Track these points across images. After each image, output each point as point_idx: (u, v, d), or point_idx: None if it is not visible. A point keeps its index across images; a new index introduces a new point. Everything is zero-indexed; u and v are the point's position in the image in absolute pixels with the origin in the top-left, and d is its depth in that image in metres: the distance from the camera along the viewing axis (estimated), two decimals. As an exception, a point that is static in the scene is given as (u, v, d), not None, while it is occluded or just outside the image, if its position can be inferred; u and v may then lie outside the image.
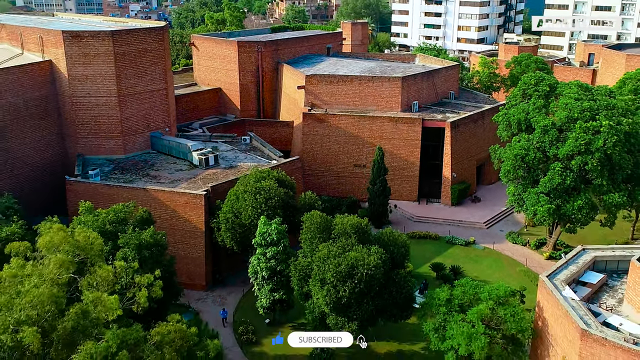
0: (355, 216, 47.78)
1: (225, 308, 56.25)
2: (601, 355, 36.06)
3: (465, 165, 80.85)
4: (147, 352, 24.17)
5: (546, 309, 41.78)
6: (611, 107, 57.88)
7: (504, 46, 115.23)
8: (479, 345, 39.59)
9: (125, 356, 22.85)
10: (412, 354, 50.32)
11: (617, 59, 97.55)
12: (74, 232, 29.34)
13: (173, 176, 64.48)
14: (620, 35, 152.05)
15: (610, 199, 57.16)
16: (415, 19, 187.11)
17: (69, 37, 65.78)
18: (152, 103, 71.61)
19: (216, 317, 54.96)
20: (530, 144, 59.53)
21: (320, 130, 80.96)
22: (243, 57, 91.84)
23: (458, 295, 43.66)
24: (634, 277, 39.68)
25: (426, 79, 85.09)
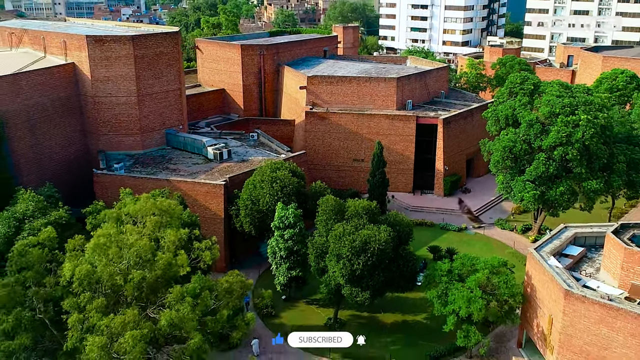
0: (364, 200, 53.85)
1: (248, 293, 61.72)
2: (581, 311, 42.44)
3: (456, 159, 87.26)
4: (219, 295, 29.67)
5: (534, 276, 48.18)
6: (589, 103, 64.52)
7: (489, 49, 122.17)
8: (477, 307, 45.80)
9: (207, 295, 28.39)
10: (415, 323, 56.39)
11: (594, 60, 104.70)
12: (156, 201, 34.85)
13: (191, 169, 70.01)
14: (597, 37, 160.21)
15: (589, 186, 63.73)
16: (402, 23, 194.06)
17: (93, 41, 71.09)
18: (167, 102, 77.06)
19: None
20: (517, 136, 65.97)
21: (321, 127, 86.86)
22: (246, 59, 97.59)
23: (457, 266, 49.91)
24: (609, 247, 46.16)
25: (419, 80, 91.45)
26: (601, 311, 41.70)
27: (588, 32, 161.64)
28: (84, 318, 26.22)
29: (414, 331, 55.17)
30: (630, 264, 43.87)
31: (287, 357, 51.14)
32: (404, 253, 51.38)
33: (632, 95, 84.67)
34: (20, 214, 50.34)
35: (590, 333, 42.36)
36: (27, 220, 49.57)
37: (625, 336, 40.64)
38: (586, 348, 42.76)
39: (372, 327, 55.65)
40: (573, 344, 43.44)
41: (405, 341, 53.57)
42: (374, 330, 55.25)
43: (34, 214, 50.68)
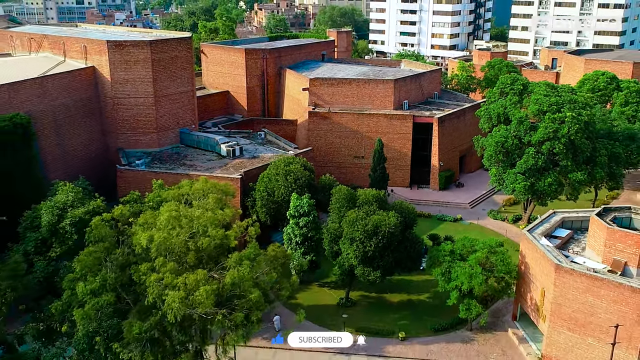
0: (373, 189, 59.40)
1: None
2: (570, 282, 48.26)
3: (449, 155, 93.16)
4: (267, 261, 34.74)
5: (527, 254, 53.99)
6: (573, 101, 70.66)
7: (477, 52, 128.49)
8: (478, 281, 51.46)
9: (261, 259, 33.49)
10: (419, 302, 61.94)
11: (576, 63, 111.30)
12: (212, 182, 39.81)
13: (206, 165, 75.09)
14: (579, 41, 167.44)
15: (574, 177, 69.80)
16: (392, 27, 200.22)
17: (113, 46, 75.99)
18: (181, 103, 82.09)
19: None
20: (508, 133, 71.91)
21: (323, 126, 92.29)
22: (250, 63, 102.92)
23: (459, 247, 55.60)
24: (593, 227, 52.08)
25: (414, 81, 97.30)
26: (587, 282, 47.54)
27: (570, 37, 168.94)
28: (160, 278, 31.24)
29: (419, 308, 60.71)
30: (612, 242, 49.75)
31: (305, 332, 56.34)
32: (410, 236, 57.00)
33: (612, 95, 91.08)
34: (62, 203, 55.14)
35: (578, 301, 48.15)
36: (70, 209, 54.43)
37: (608, 303, 46.48)
38: (574, 315, 48.56)
39: (380, 306, 61.12)
40: (563, 312, 49.21)
41: (411, 317, 59.04)
42: (382, 308, 60.73)
43: (74, 203, 55.53)
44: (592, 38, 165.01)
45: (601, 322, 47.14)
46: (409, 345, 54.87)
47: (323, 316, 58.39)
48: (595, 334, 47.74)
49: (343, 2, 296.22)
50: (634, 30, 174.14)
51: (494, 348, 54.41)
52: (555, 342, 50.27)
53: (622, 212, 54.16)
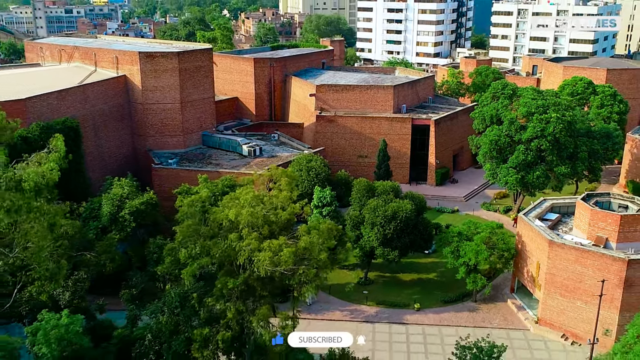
0: (389, 181, 68.16)
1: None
2: (562, 255, 57.44)
3: (444, 154, 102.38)
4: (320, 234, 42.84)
5: (524, 234, 63.14)
6: (557, 104, 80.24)
7: (464, 60, 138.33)
8: (483, 257, 60.44)
9: (315, 232, 41.57)
10: (428, 280, 70.75)
11: (555, 69, 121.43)
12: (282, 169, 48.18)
13: (231, 163, 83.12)
14: (555, 49, 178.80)
15: (559, 170, 79.23)
16: (378, 36, 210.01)
17: (144, 56, 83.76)
18: (203, 108, 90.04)
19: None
20: (501, 132, 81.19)
21: (330, 128, 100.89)
22: (258, 71, 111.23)
23: (464, 229, 64.54)
24: (579, 210, 61.46)
25: (411, 87, 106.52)
26: (576, 254, 56.79)
27: (547, 44, 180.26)
28: (248, 244, 39.20)
29: (429, 285, 69.52)
30: (595, 221, 59.12)
31: (332, 306, 64.83)
32: (422, 220, 65.88)
33: (589, 98, 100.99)
34: (119, 196, 62.88)
35: (568, 271, 57.33)
36: (127, 201, 62.21)
37: (593, 270, 55.71)
38: (565, 282, 57.72)
39: (394, 284, 69.80)
40: (555, 281, 58.36)
41: (423, 292, 67.79)
42: (397, 285, 69.43)
43: (129, 195, 63.33)
44: (568, 46, 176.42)
45: (588, 288, 56.35)
46: (424, 314, 63.62)
47: (346, 292, 66.78)
48: (583, 298, 56.96)
49: (327, 11, 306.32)
50: (606, 39, 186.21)
51: (496, 315, 63.39)
52: (550, 307, 59.42)
53: (602, 197, 63.80)
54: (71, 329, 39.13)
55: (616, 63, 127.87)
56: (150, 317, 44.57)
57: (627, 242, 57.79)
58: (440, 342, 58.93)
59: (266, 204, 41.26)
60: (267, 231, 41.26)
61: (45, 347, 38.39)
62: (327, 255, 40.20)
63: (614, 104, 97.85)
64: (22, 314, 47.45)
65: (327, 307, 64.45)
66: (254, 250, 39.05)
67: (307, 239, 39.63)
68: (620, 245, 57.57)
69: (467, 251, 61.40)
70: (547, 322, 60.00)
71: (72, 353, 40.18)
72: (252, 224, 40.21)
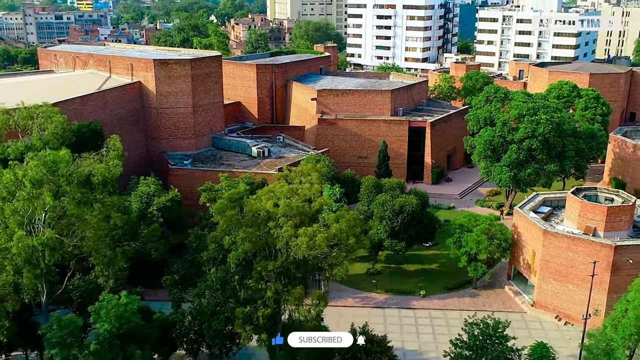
0: (394, 179, 73.68)
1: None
2: (555, 243, 63.30)
3: (439, 154, 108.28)
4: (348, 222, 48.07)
5: (519, 225, 68.98)
6: (546, 106, 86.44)
7: (454, 65, 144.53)
8: (483, 246, 66.10)
9: (344, 220, 46.67)
10: (431, 270, 76.32)
11: (541, 74, 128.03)
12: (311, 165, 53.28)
13: (242, 164, 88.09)
14: (539, 54, 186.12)
15: (548, 168, 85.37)
16: (368, 41, 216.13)
17: (159, 63, 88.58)
18: (213, 112, 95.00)
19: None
20: (494, 133, 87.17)
21: (331, 131, 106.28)
22: (260, 76, 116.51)
23: (465, 222, 70.22)
24: (569, 202, 67.46)
25: (406, 91, 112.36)
26: (568, 242, 62.69)
27: (531, 50, 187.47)
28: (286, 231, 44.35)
29: (432, 274, 75.10)
30: (584, 212, 65.12)
31: (344, 294, 70.11)
32: (426, 214, 71.45)
33: (574, 101, 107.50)
34: (146, 193, 67.65)
35: (560, 257, 63.19)
36: (154, 198, 67.02)
37: (583, 256, 61.61)
38: (558, 268, 63.59)
39: (400, 274, 75.29)
40: (550, 267, 64.20)
41: (427, 280, 73.33)
42: (402, 275, 74.92)
43: (155, 193, 68.16)
44: (551, 51, 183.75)
45: (579, 272, 62.25)
46: (429, 300, 69.18)
47: (356, 281, 72.14)
48: (574, 282, 62.88)
49: (314, 17, 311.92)
50: (587, 44, 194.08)
51: (495, 300, 69.13)
52: (544, 291, 65.28)
53: (589, 191, 69.89)
54: (129, 308, 43.99)
55: (598, 68, 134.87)
56: (193, 299, 49.49)
57: (613, 230, 63.87)
58: (445, 324, 64.49)
59: (300, 196, 46.42)
60: (299, 220, 46.49)
61: (107, 323, 43.19)
62: (354, 240, 45.50)
63: (597, 106, 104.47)
64: (72, 300, 51.98)
65: (339, 295, 69.64)
66: (291, 236, 44.21)
67: (337, 226, 44.92)
68: (607, 234, 63.57)
69: (469, 241, 67.05)
70: (542, 304, 65.85)
71: (127, 330, 45.04)
72: (288, 213, 45.37)
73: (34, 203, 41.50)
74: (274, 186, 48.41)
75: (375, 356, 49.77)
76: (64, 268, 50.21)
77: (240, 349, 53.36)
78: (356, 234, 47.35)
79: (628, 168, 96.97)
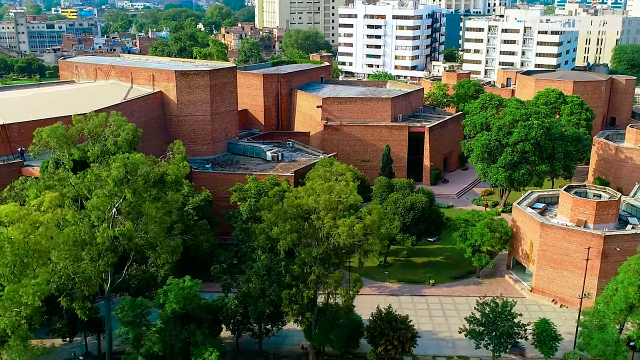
0: (404, 179, 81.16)
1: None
2: (551, 234, 71.08)
3: (437, 157, 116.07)
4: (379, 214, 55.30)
5: (518, 219, 76.74)
6: (537, 112, 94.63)
7: (446, 73, 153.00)
8: (487, 238, 73.69)
9: (376, 212, 53.83)
10: (437, 262, 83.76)
11: (528, 82, 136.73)
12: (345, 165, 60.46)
13: (258, 167, 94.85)
14: (523, 62, 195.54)
15: (540, 169, 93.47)
16: (359, 50, 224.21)
17: (180, 74, 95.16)
18: (228, 119, 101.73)
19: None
20: (490, 137, 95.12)
21: (336, 136, 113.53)
22: (267, 85, 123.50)
23: (469, 217, 77.82)
24: (563, 198, 75.36)
25: (405, 99, 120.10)
26: (562, 233, 70.51)
27: (515, 58, 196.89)
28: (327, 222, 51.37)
29: (438, 266, 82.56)
30: (576, 207, 73.00)
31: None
32: (434, 210, 78.96)
33: (560, 107, 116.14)
34: (182, 194, 74.17)
35: (556, 247, 70.97)
36: (190, 198, 73.62)
37: (576, 245, 69.42)
38: (554, 256, 71.36)
39: (409, 266, 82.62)
40: (546, 256, 71.94)
41: (434, 271, 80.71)
42: (411, 267, 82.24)
43: (189, 193, 74.77)
44: (534, 59, 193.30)
45: (572, 260, 70.07)
46: (438, 288, 76.61)
47: (371, 273, 79.28)
48: (569, 268, 70.67)
49: (302, 26, 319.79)
50: (567, 52, 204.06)
51: (497, 287, 76.72)
52: (542, 277, 73.00)
53: (579, 188, 77.85)
54: (193, 290, 50.65)
55: (580, 76, 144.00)
56: (242, 284, 56.29)
57: (602, 223, 71.78)
58: (454, 308, 71.91)
59: (338, 192, 53.52)
60: (335, 213, 53.61)
61: (174, 304, 49.79)
62: (385, 229, 52.74)
63: (582, 112, 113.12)
64: (130, 287, 58.38)
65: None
66: (332, 227, 51.32)
67: (370, 218, 52.11)
68: (596, 226, 71.43)
69: (474, 234, 74.60)
70: (540, 290, 73.57)
71: (189, 310, 51.66)
72: (328, 207, 52.46)
73: (112, 199, 47.98)
74: (312, 184, 55.48)
75: (401, 332, 56.96)
76: (123, 259, 56.63)
77: (280, 330, 60.34)
78: (385, 224, 54.55)
79: (611, 168, 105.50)
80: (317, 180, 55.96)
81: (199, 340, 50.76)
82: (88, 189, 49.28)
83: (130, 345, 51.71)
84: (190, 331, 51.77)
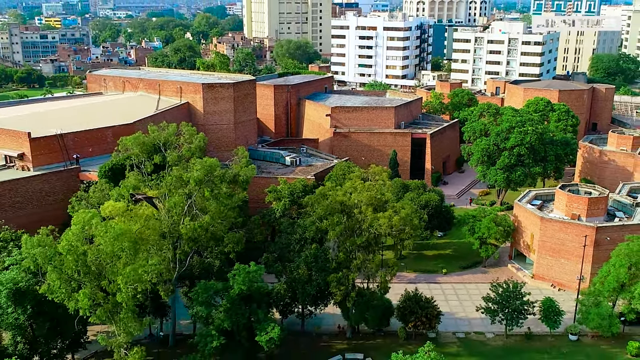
0: (417, 180, 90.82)
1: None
2: (549, 227, 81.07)
3: (437, 161, 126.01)
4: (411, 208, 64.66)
5: (519, 214, 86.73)
6: (531, 119, 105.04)
7: (439, 83, 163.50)
8: (493, 231, 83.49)
9: (409, 206, 63.00)
10: (446, 254, 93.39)
11: (517, 91, 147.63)
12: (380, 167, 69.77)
13: (279, 171, 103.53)
14: (507, 71, 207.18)
15: (534, 170, 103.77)
16: (351, 60, 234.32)
17: (206, 86, 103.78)
18: (249, 127, 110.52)
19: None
20: (489, 142, 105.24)
21: (344, 142, 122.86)
22: (277, 95, 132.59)
23: (477, 213, 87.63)
24: (558, 195, 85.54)
25: (406, 107, 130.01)
26: (560, 225, 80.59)
27: (501, 67, 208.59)
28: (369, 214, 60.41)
29: (447, 257, 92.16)
30: (570, 203, 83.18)
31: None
32: (445, 207, 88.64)
33: (548, 114, 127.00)
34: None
35: (554, 238, 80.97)
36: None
37: (572, 236, 79.50)
38: (553, 246, 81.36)
39: (421, 258, 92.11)
40: (546, 246, 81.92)
41: (444, 262, 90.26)
42: (424, 258, 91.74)
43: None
44: (518, 68, 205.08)
45: (568, 249, 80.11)
46: (450, 277, 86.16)
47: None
48: (565, 256, 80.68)
49: (291, 35, 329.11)
50: (549, 62, 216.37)
51: (502, 275, 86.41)
52: (541, 265, 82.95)
53: (572, 186, 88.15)
54: (257, 274, 59.34)
55: (564, 85, 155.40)
56: (292, 270, 65.16)
57: (593, 216, 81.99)
58: (467, 293, 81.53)
59: (378, 189, 62.81)
60: (373, 208, 62.92)
61: (243, 285, 58.42)
62: (418, 221, 62.20)
63: (568, 119, 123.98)
64: (192, 275, 66.75)
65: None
66: (373, 219, 60.59)
67: (405, 211, 61.52)
68: (588, 219, 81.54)
69: (481, 228, 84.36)
70: (540, 276, 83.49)
71: (253, 291, 60.31)
72: (368, 202, 61.73)
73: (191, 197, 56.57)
74: (352, 183, 64.75)
75: (428, 310, 66.35)
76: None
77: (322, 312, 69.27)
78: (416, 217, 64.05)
79: (595, 170, 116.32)
80: (356, 180, 65.15)
81: (261, 318, 59.42)
82: (169, 189, 57.77)
83: (202, 322, 60.15)
84: (252, 310, 60.40)
